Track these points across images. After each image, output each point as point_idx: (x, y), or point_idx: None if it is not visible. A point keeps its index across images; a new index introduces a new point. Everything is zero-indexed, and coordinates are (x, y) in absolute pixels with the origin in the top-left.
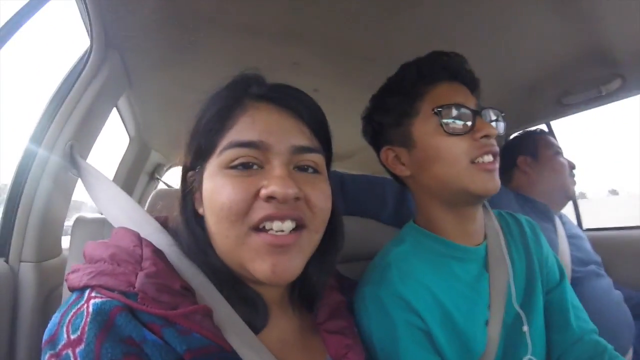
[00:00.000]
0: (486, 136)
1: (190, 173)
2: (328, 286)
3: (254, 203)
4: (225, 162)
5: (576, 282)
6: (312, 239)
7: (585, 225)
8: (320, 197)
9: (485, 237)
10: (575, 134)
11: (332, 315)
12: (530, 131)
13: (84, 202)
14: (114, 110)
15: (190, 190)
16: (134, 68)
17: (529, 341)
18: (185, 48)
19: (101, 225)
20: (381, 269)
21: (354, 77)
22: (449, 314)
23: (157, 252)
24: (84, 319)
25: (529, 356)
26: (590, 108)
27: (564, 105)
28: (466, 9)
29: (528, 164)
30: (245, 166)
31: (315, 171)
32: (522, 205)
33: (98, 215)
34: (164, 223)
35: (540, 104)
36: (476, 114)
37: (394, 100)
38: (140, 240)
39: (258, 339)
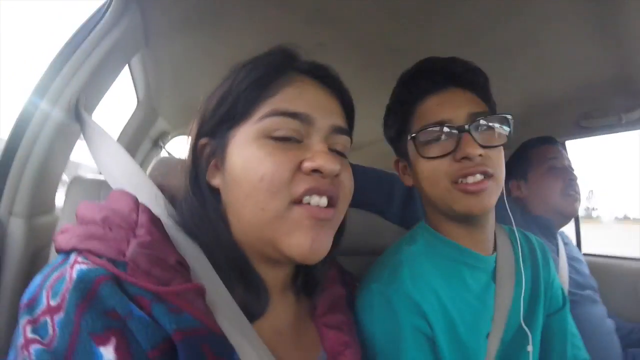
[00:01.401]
0: (467, 157)
1: (204, 140)
2: (329, 277)
3: (296, 175)
4: (265, 131)
5: (572, 306)
6: (338, 219)
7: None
8: (350, 178)
9: (496, 248)
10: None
11: (331, 308)
12: (524, 147)
13: (80, 163)
14: (126, 69)
15: (204, 159)
16: (152, 26)
17: None
18: (208, 13)
19: (98, 186)
20: (392, 267)
21: (377, 66)
22: (453, 322)
23: (154, 221)
24: (65, 285)
25: None
26: (607, 133)
27: (582, 128)
28: (501, 19)
29: (519, 188)
30: (287, 139)
31: (343, 155)
32: (526, 221)
33: (96, 176)
34: (162, 191)
35: (558, 122)
36: (462, 130)
37: (392, 119)
38: (137, 205)
39: (252, 326)
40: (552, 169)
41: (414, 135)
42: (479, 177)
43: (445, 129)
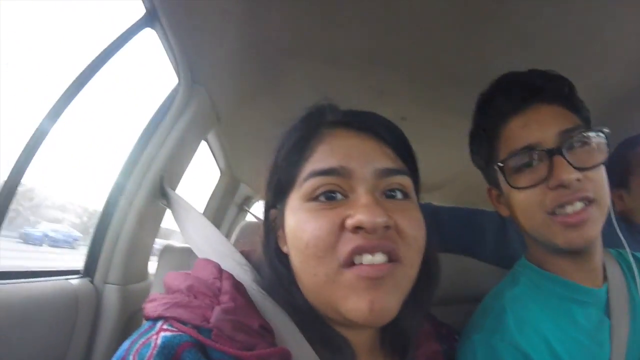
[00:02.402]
0: (561, 185)
1: (272, 211)
2: (423, 333)
3: (341, 236)
4: (306, 194)
5: None
6: (407, 273)
7: None
8: (413, 224)
9: (606, 279)
10: None
11: None
12: (621, 150)
13: (174, 230)
14: (205, 144)
15: (272, 227)
16: (221, 103)
17: None
18: (269, 81)
19: (188, 254)
20: (495, 314)
21: (443, 101)
22: None
23: (237, 286)
24: (150, 351)
25: None
26: None
27: None
28: (556, 17)
29: (621, 199)
30: (328, 197)
31: (405, 196)
32: (633, 235)
33: (186, 245)
34: (248, 257)
35: None
36: (552, 154)
37: (477, 146)
38: (220, 272)
39: None
40: None
41: (500, 165)
42: (578, 205)
43: (535, 155)
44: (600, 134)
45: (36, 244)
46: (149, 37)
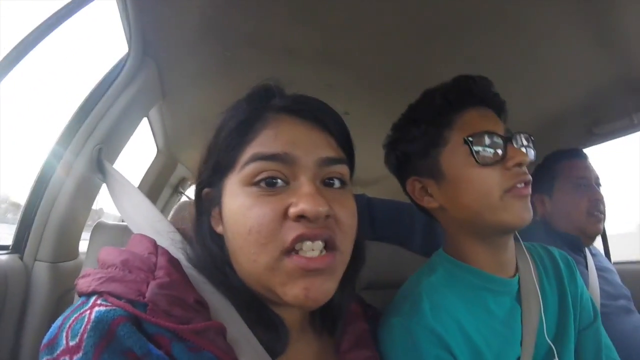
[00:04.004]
0: (519, 164)
1: (206, 190)
2: (352, 313)
3: (283, 223)
4: (247, 178)
5: (604, 318)
6: (342, 260)
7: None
8: (349, 213)
9: (517, 269)
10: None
11: (356, 345)
12: (550, 160)
13: (103, 209)
14: (145, 121)
15: (206, 207)
16: (169, 79)
17: None
18: (221, 65)
19: (121, 232)
20: (412, 299)
21: (385, 103)
22: (480, 352)
23: (173, 262)
24: (83, 326)
25: None
26: (621, 136)
27: (595, 134)
28: (500, 40)
29: (543, 204)
30: (270, 183)
31: (343, 184)
32: (550, 236)
33: (119, 223)
34: (184, 234)
35: (570, 132)
36: (507, 140)
37: (420, 130)
38: (156, 248)
39: None
40: (579, 187)
41: (470, 138)
42: (523, 184)
43: (495, 137)
44: (531, 141)
45: None
46: (102, 4)
